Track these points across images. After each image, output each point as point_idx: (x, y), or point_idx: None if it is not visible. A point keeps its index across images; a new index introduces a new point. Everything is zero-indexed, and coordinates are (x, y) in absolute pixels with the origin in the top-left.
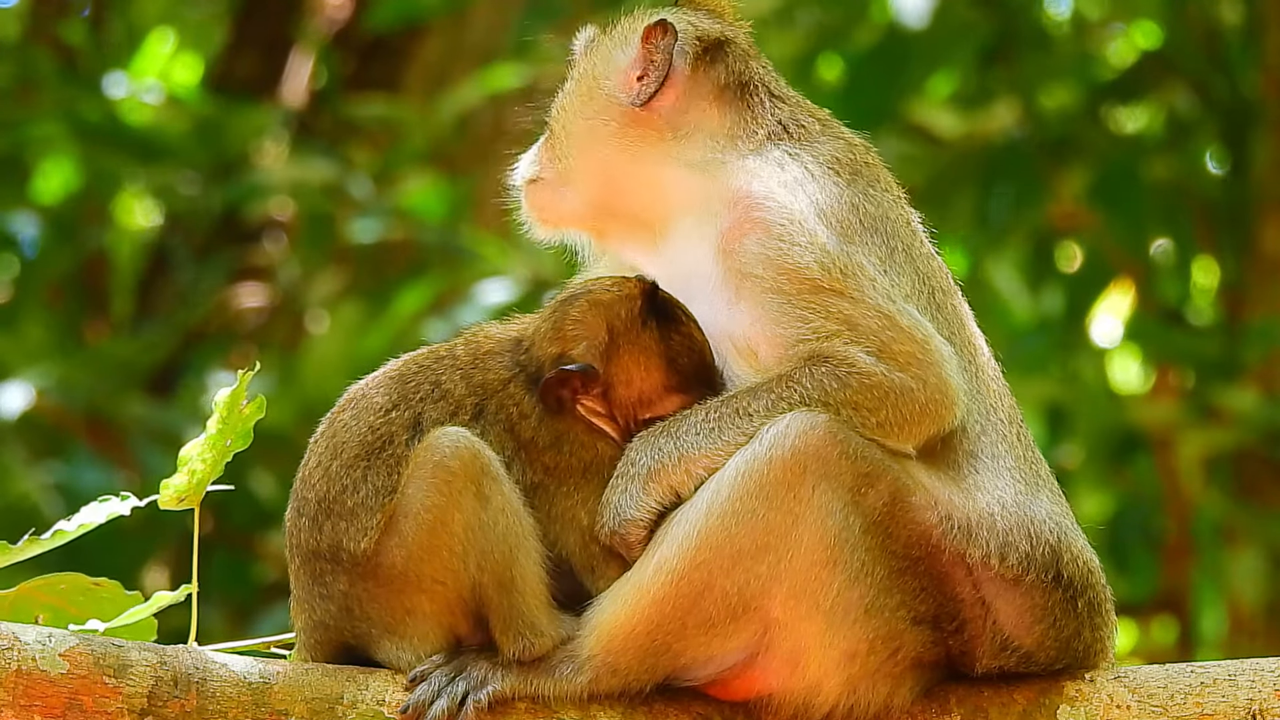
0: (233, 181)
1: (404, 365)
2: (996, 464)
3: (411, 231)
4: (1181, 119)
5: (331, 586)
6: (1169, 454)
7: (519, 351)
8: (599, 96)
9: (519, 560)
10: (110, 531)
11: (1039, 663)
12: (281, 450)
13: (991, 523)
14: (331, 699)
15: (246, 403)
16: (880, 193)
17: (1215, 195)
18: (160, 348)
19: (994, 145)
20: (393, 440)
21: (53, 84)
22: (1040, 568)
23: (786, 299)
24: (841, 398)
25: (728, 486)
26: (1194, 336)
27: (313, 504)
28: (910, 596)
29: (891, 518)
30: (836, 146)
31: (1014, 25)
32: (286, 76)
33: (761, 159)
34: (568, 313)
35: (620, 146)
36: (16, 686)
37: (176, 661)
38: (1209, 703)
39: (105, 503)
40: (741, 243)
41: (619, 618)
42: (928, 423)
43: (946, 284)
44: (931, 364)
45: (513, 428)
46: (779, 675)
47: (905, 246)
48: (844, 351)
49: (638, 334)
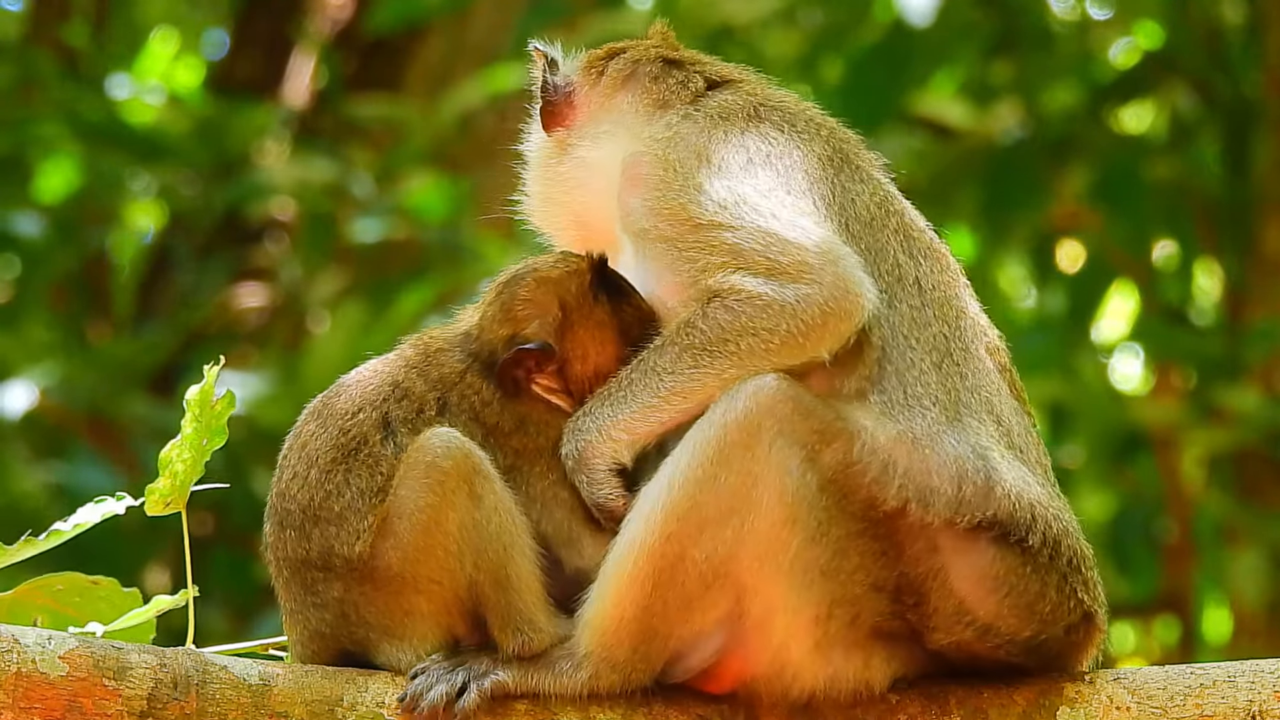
0: (234, 181)
1: (357, 374)
2: (904, 396)
3: (413, 231)
4: (1183, 119)
5: (325, 594)
6: (1171, 454)
7: (469, 342)
8: (531, 153)
9: (514, 558)
10: (110, 532)
11: (1003, 633)
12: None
13: (906, 467)
14: (331, 701)
15: (218, 398)
16: (787, 134)
17: (1217, 195)
18: (162, 348)
19: (996, 145)
20: (367, 440)
21: (54, 84)
22: (967, 508)
23: (673, 244)
24: (738, 327)
25: (686, 456)
26: (1196, 336)
27: (297, 514)
28: (868, 559)
29: (847, 477)
30: (729, 99)
31: (1016, 24)
32: (288, 76)
33: (649, 125)
34: (516, 293)
35: (559, 179)
36: (16, 689)
37: (176, 664)
38: (1209, 704)
39: (101, 503)
40: (629, 203)
41: (606, 608)
42: (834, 323)
43: (871, 214)
44: (824, 266)
45: (477, 415)
46: (756, 647)
47: (811, 179)
48: (731, 281)
49: (590, 308)
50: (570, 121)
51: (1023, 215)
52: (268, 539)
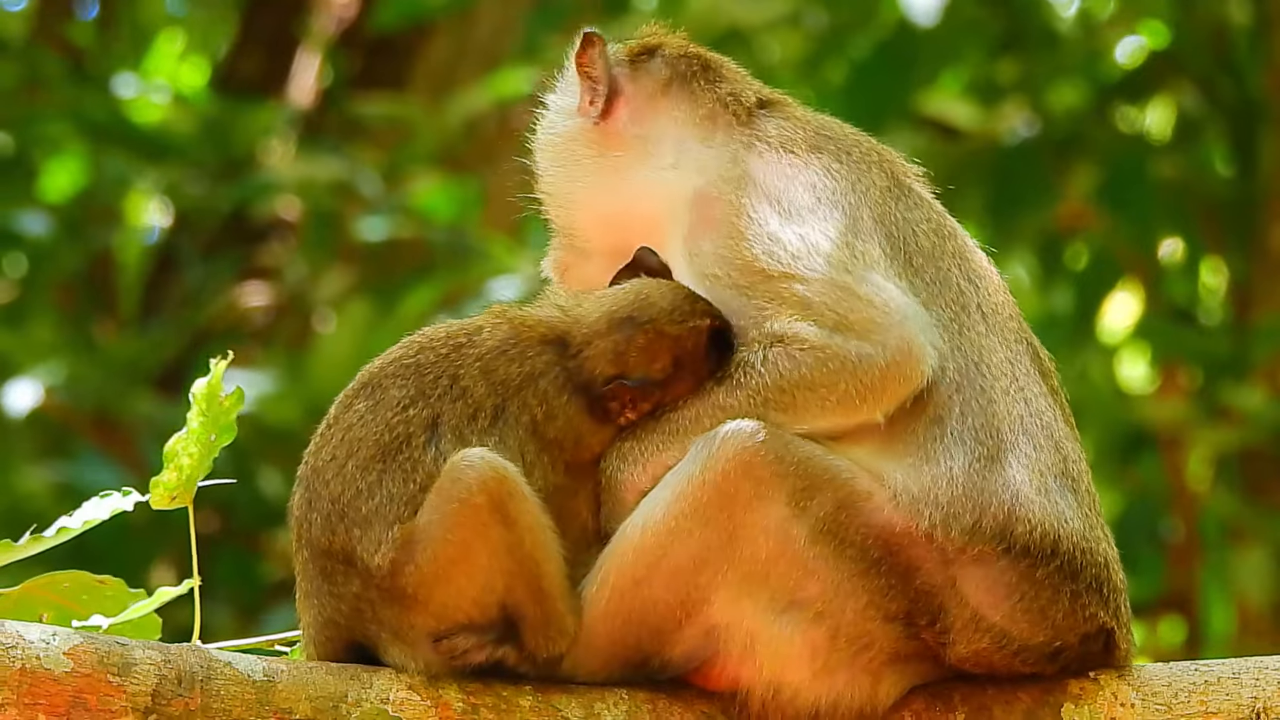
0: (240, 180)
1: (421, 353)
2: (959, 430)
3: (419, 230)
4: (1189, 118)
5: (344, 587)
6: (1177, 453)
7: (565, 355)
8: (563, 139)
9: (546, 570)
10: (117, 530)
11: (1015, 640)
12: (289, 448)
13: (933, 495)
14: (336, 697)
15: (226, 393)
16: (845, 164)
17: (1223, 194)
18: (168, 346)
19: (1002, 144)
20: (409, 442)
21: (59, 83)
22: (987, 539)
23: (742, 292)
24: (796, 378)
25: (663, 507)
26: (1202, 335)
27: (326, 502)
28: (878, 596)
29: (840, 524)
30: (787, 127)
31: (1022, 23)
32: (293, 75)
33: (715, 152)
34: (634, 340)
35: (601, 174)
36: (20, 685)
37: (181, 660)
38: (1213, 701)
39: (108, 498)
40: (700, 245)
41: (583, 632)
42: (894, 386)
43: (933, 244)
44: (891, 326)
45: (535, 428)
46: (742, 670)
47: (876, 215)
48: (797, 329)
49: (699, 365)
50: (613, 114)
51: (1029, 214)
52: (294, 510)
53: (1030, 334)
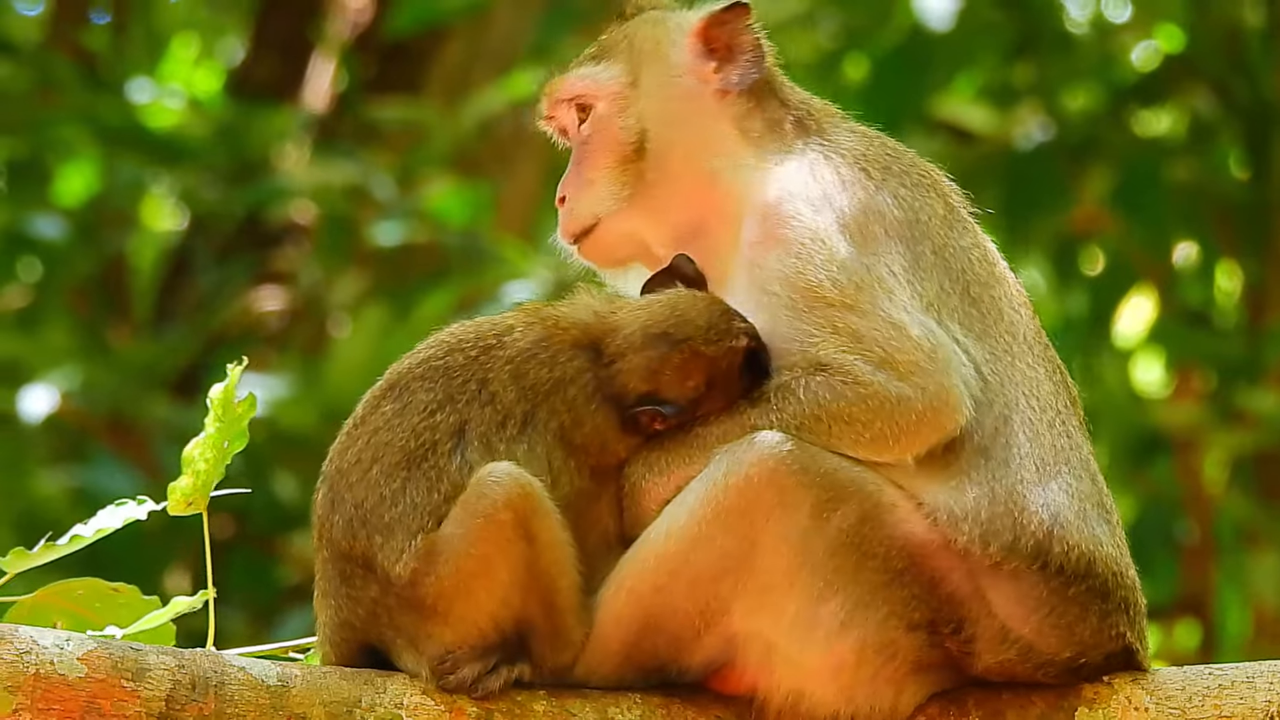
0: (254, 185)
1: (450, 354)
2: (1005, 455)
3: (434, 235)
4: (1204, 122)
5: (362, 591)
6: (1191, 456)
7: (598, 362)
8: (676, 102)
9: (560, 586)
10: (131, 535)
11: (1043, 654)
12: (304, 453)
13: (975, 512)
14: (350, 702)
15: (240, 399)
16: (911, 190)
17: (1237, 198)
18: (183, 351)
19: (1017, 147)
20: (435, 449)
21: (73, 88)
22: (1023, 557)
23: (797, 315)
24: (834, 410)
25: (686, 513)
26: (1217, 339)
27: (349, 505)
28: (901, 606)
29: (863, 536)
30: (860, 142)
31: (1037, 27)
32: (308, 80)
33: (794, 164)
34: (669, 359)
35: (708, 149)
36: (35, 690)
37: (194, 665)
38: (1227, 705)
39: (122, 506)
40: (765, 259)
41: (598, 637)
42: (926, 432)
43: (987, 272)
44: (934, 372)
45: (563, 435)
46: (761, 677)
47: (936, 247)
48: (842, 360)
49: (733, 385)
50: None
51: (1044, 218)
52: (317, 509)
53: (1053, 352)
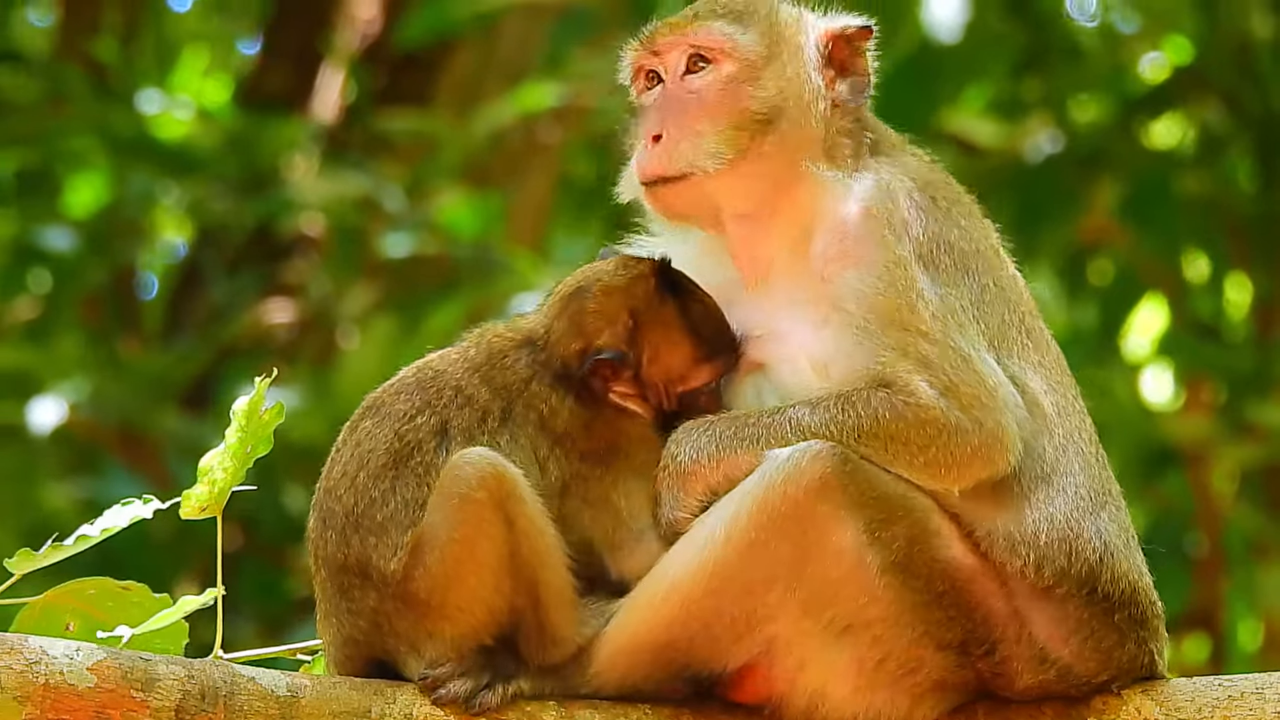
0: (264, 196)
1: (419, 372)
2: (1064, 484)
3: (444, 246)
4: (1213, 133)
5: (361, 602)
6: (1201, 469)
7: (535, 350)
8: (808, 97)
9: (543, 578)
10: (142, 543)
11: (1080, 676)
12: (315, 464)
13: (1034, 537)
14: (359, 712)
15: (266, 408)
16: (969, 220)
17: (1247, 210)
18: (193, 362)
19: (1027, 160)
20: (420, 448)
21: (83, 99)
22: (1074, 582)
23: (870, 336)
24: (892, 430)
25: (745, 515)
26: (1226, 351)
27: (340, 516)
28: (935, 626)
29: (910, 557)
30: (925, 169)
31: (1045, 39)
32: (317, 91)
33: (873, 185)
34: (584, 305)
35: (808, 148)
36: (45, 700)
37: (204, 675)
38: (1236, 715)
39: (129, 505)
40: (842, 275)
41: (627, 636)
42: (978, 467)
43: (1031, 304)
44: (993, 409)
45: (544, 424)
46: (785, 683)
47: (995, 280)
48: (908, 380)
49: (658, 311)
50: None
51: (1053, 230)
52: (310, 534)
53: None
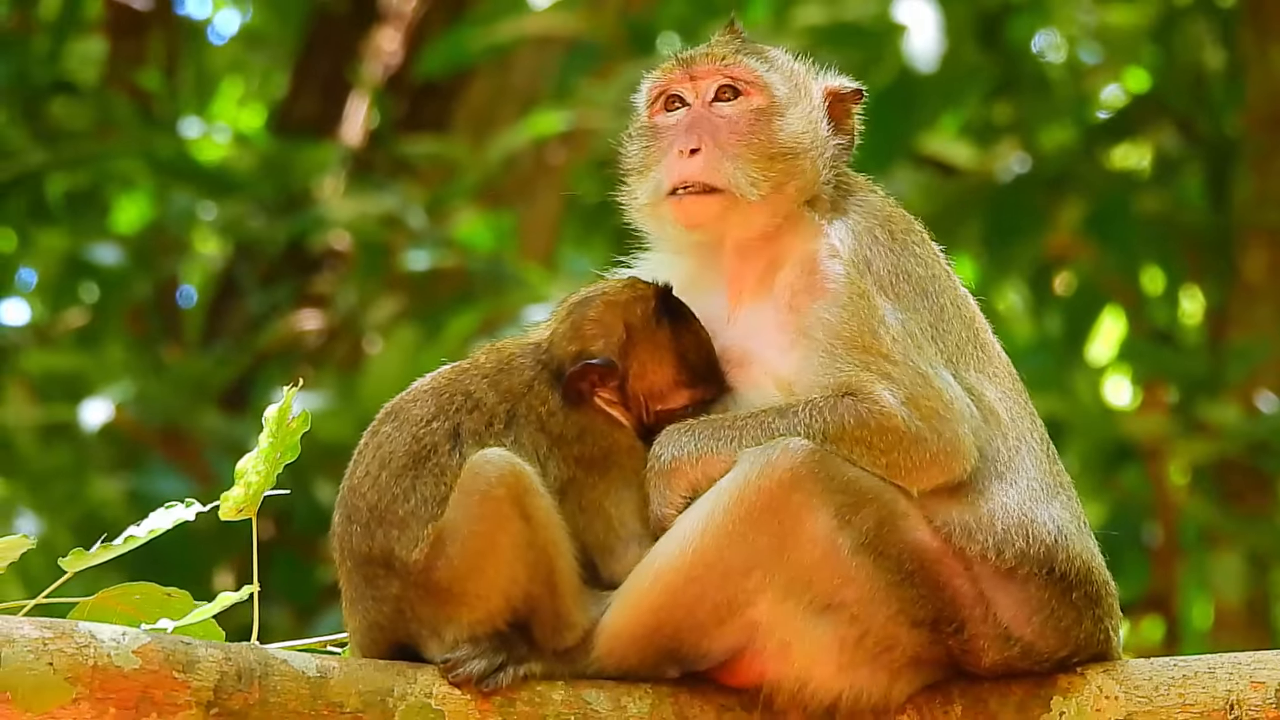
0: (296, 214)
1: (435, 380)
2: (1015, 478)
3: (461, 260)
4: (1169, 156)
5: (384, 590)
6: (1158, 464)
7: (539, 353)
8: (818, 143)
9: (558, 566)
10: (183, 538)
11: (1042, 653)
12: (343, 461)
13: (990, 524)
14: (383, 692)
15: (294, 417)
16: (923, 247)
17: (1200, 226)
18: (230, 367)
19: (997, 180)
20: (436, 449)
21: (130, 125)
22: (1034, 562)
23: (834, 357)
24: (857, 434)
25: (721, 510)
26: (1181, 356)
27: (364, 512)
28: (908, 604)
29: (880, 538)
30: (884, 205)
31: (1016, 69)
32: (345, 117)
33: (841, 225)
34: (585, 314)
35: (810, 190)
36: (93, 680)
37: (240, 657)
38: (1190, 694)
39: (172, 508)
40: (810, 306)
41: (621, 623)
42: (935, 472)
43: (982, 319)
44: (950, 420)
45: (543, 425)
46: (772, 665)
47: (952, 300)
48: (872, 388)
49: (653, 331)
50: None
51: (1022, 246)
52: (335, 529)
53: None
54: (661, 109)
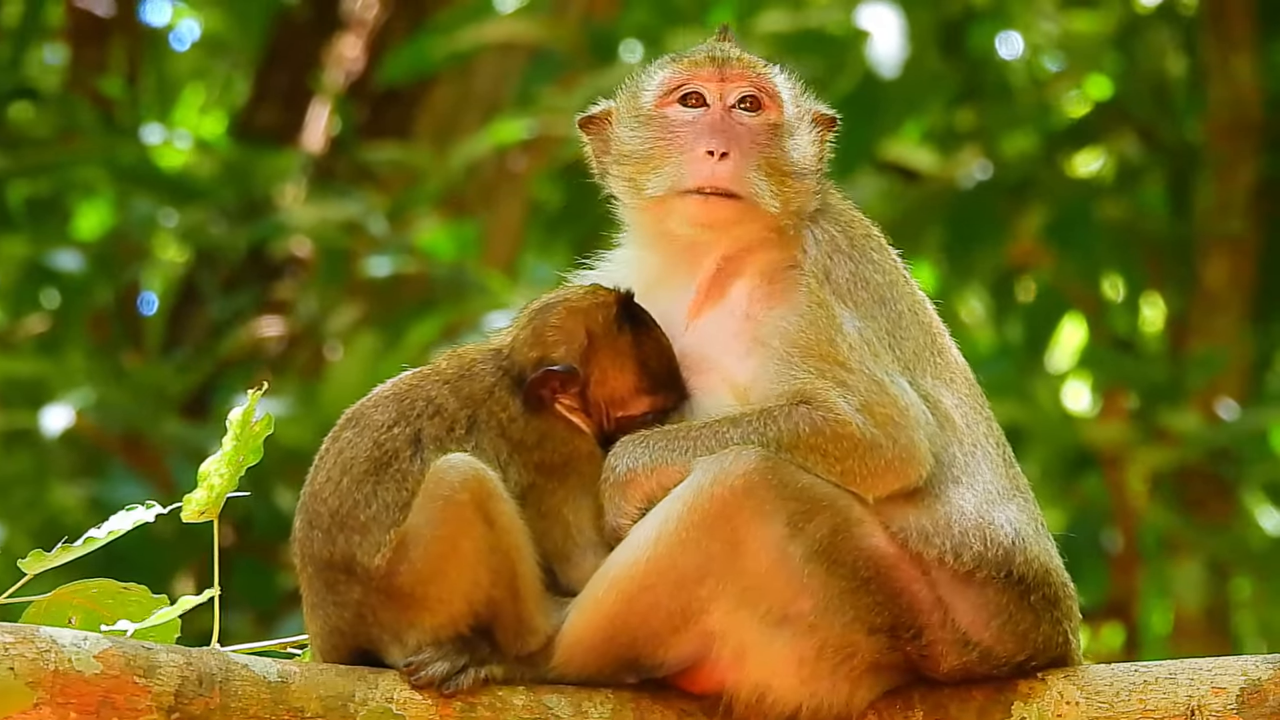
0: (257, 221)
1: (396, 386)
2: (972, 483)
3: (422, 267)
4: (1131, 164)
5: (345, 595)
6: (1118, 471)
7: (501, 359)
8: (818, 167)
9: (521, 571)
10: (144, 542)
11: (1000, 657)
12: (304, 467)
13: (947, 528)
14: (344, 697)
15: (257, 420)
16: (881, 254)
17: (1162, 234)
18: (191, 373)
19: (959, 187)
20: (397, 455)
21: (92, 131)
22: (992, 565)
23: (790, 364)
24: (811, 442)
25: (674, 518)
26: (1142, 364)
27: (325, 518)
28: (865, 611)
29: (834, 546)
30: (846, 213)
31: (978, 77)
32: (306, 124)
33: (814, 233)
34: (547, 320)
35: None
36: (54, 685)
37: (201, 662)
38: (1151, 699)
39: (132, 510)
40: (768, 313)
41: (577, 631)
42: (890, 479)
43: (939, 324)
44: (906, 427)
45: (504, 431)
46: (730, 674)
47: (910, 306)
48: (826, 396)
49: (614, 338)
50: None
51: (983, 252)
52: (296, 534)
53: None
54: (675, 102)
